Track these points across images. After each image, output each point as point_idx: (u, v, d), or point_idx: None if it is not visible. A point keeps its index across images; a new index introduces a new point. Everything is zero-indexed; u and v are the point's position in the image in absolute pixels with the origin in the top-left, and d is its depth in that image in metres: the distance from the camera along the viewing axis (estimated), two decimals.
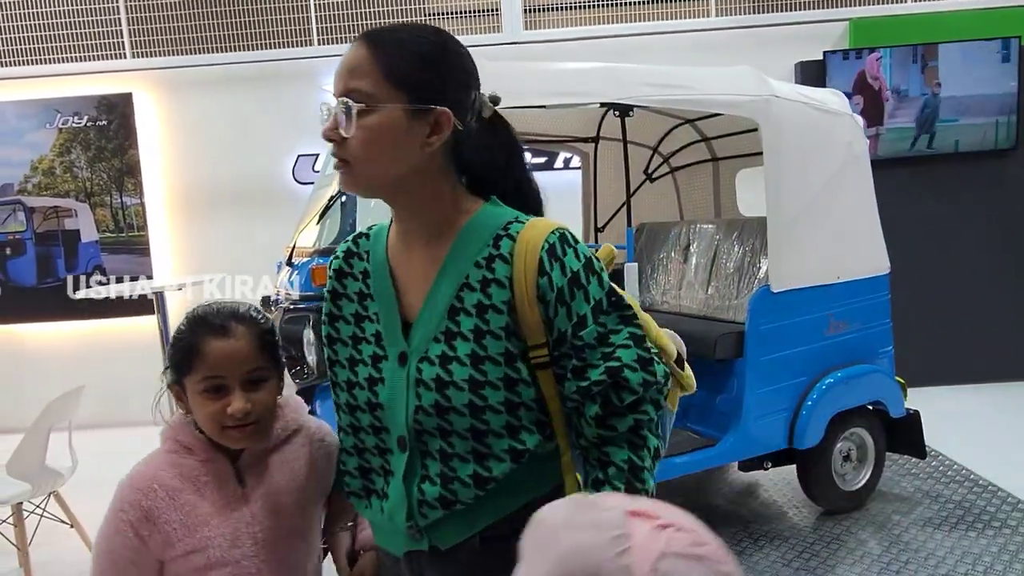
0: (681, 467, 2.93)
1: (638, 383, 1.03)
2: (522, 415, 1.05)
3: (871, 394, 3.24)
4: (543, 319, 1.04)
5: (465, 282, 1.06)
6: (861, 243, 3.29)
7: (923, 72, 5.28)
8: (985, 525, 3.05)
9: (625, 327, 1.05)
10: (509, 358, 1.03)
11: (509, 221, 1.08)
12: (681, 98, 2.84)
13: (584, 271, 1.04)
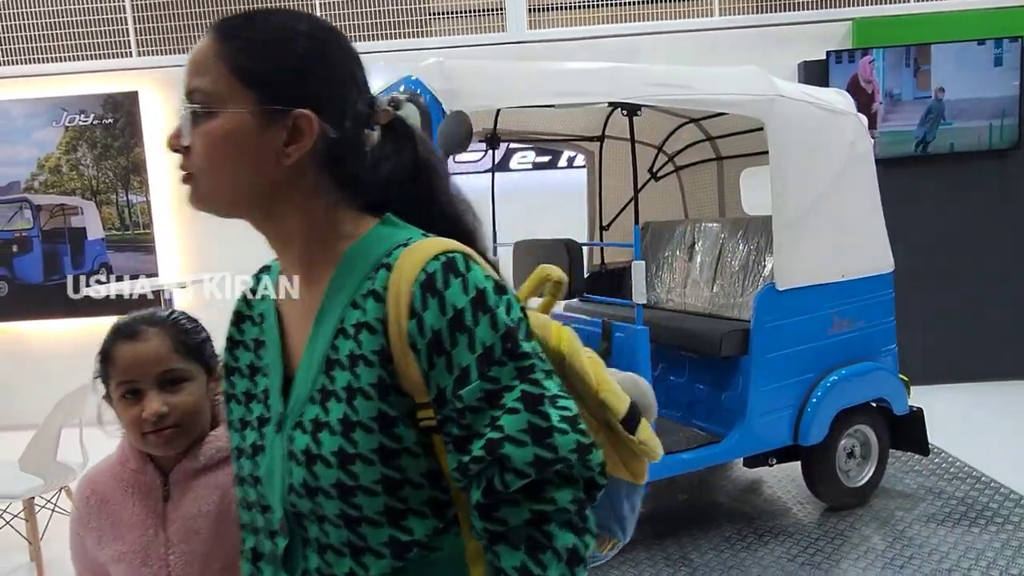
0: (687, 463, 2.96)
1: (525, 462, 0.75)
2: (408, 495, 0.81)
3: (875, 391, 3.27)
4: (421, 372, 0.80)
5: (340, 327, 0.84)
6: (865, 241, 3.32)
7: (915, 76, 5.31)
8: (988, 521, 3.08)
9: (520, 384, 0.78)
10: (386, 423, 0.80)
11: (397, 245, 0.84)
12: (688, 98, 2.86)
13: (472, 308, 0.79)
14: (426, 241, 0.83)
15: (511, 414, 0.77)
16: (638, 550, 3.01)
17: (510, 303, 0.81)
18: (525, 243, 3.37)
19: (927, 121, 5.34)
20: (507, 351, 0.78)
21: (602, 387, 0.95)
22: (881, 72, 5.29)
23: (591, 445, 0.79)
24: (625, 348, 2.88)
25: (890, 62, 5.29)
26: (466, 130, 2.33)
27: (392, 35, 5.82)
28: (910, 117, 5.33)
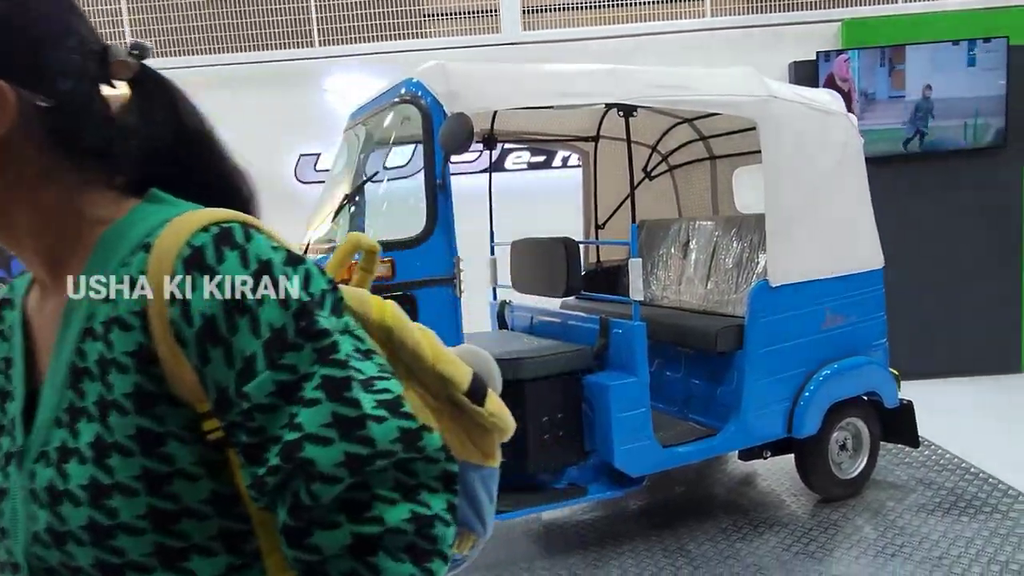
0: (683, 456, 3.03)
1: (333, 463, 0.60)
2: (188, 530, 0.64)
3: (866, 385, 3.34)
4: (195, 370, 0.63)
5: (88, 326, 0.67)
6: (856, 239, 3.39)
7: (891, 75, 5.40)
8: (976, 510, 3.16)
9: (321, 368, 0.62)
10: (149, 441, 0.63)
11: (163, 222, 0.67)
12: (683, 98, 2.93)
13: (253, 283, 0.63)
14: (195, 212, 0.67)
15: (311, 407, 0.61)
16: (636, 542, 3.07)
17: (308, 274, 0.66)
18: (522, 242, 3.42)
19: (917, 119, 5.43)
20: (302, 331, 0.63)
21: (439, 359, 0.80)
22: (856, 72, 5.37)
23: (420, 429, 0.63)
24: (622, 344, 2.94)
25: (865, 62, 5.38)
26: (468, 131, 2.39)
27: (387, 36, 5.86)
28: (886, 116, 5.42)
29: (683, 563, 2.87)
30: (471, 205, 4.65)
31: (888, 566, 2.74)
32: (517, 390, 2.88)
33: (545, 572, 2.88)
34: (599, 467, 3.05)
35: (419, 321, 2.73)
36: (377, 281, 2.65)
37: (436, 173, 2.59)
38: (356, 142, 3.09)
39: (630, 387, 2.86)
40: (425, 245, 2.58)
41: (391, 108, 2.78)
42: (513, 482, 3.02)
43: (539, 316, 3.58)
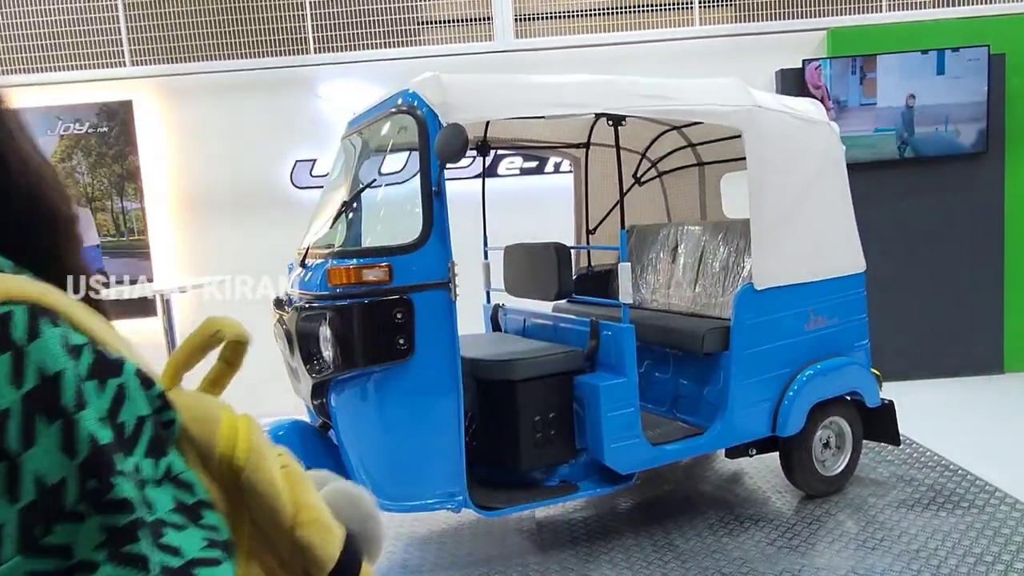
0: (671, 454, 3.12)
1: None
2: None
3: (848, 385, 3.45)
4: None
5: None
6: (838, 243, 3.50)
7: (861, 84, 5.53)
8: (955, 506, 3.27)
9: (108, 563, 0.43)
10: None
11: None
12: (670, 108, 3.03)
13: (24, 413, 0.42)
14: None
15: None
16: (626, 537, 3.17)
17: (121, 394, 0.47)
18: (515, 247, 3.52)
19: (908, 126, 5.56)
20: (90, 494, 0.43)
21: (301, 521, 0.59)
22: (829, 79, 5.50)
23: None
24: (612, 346, 3.04)
25: (836, 70, 5.51)
26: (462, 141, 2.49)
27: (382, 44, 5.95)
28: (860, 123, 5.55)
29: (671, 557, 2.97)
30: (465, 210, 4.75)
31: (868, 559, 2.84)
32: (510, 391, 2.97)
33: (537, 567, 2.97)
34: (590, 465, 3.15)
35: (416, 324, 2.86)
36: (374, 285, 2.74)
37: (432, 181, 2.68)
38: (354, 149, 3.18)
39: (619, 387, 2.95)
40: (421, 250, 2.68)
41: (388, 117, 2.87)
42: (506, 480, 3.12)
43: (532, 319, 3.68)
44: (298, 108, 5.92)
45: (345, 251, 2.76)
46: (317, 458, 2.90)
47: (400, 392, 2.72)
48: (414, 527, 3.45)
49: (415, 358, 2.69)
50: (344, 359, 2.64)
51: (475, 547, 3.20)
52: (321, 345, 2.69)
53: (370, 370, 2.68)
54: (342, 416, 2.75)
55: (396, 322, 2.64)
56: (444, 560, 3.09)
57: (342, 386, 2.73)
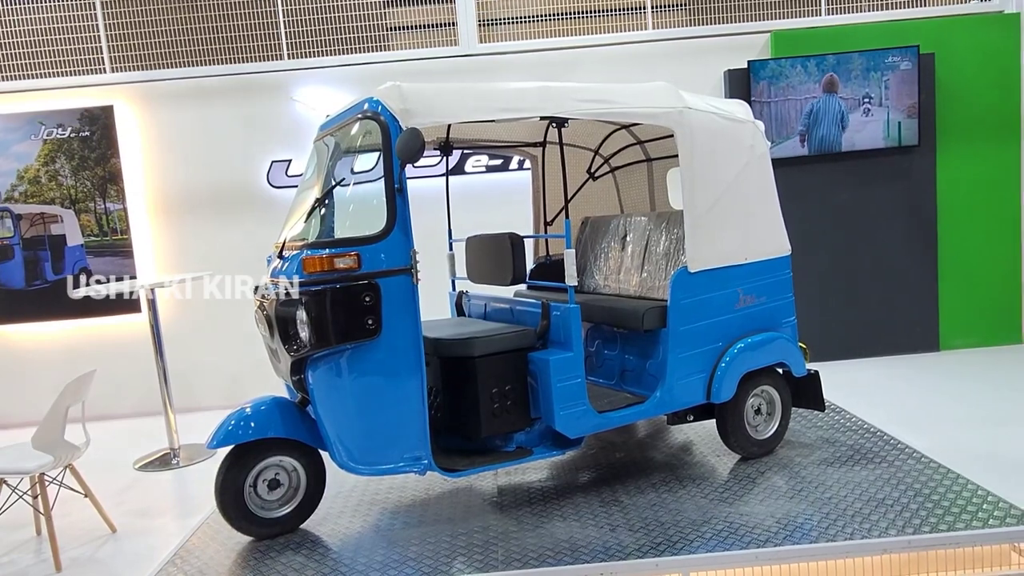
0: (616, 419, 3.49)
1: None
2: None
3: (776, 356, 3.83)
4: None
5: None
6: (765, 229, 3.88)
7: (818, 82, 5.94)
8: (868, 461, 3.66)
9: None
10: None
11: None
12: (608, 111, 3.39)
13: None
14: None
15: None
16: (577, 495, 3.53)
17: None
18: (475, 238, 3.86)
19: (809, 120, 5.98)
20: None
21: None
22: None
23: None
24: (560, 324, 3.39)
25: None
26: (420, 144, 2.83)
27: (352, 50, 6.26)
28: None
29: (616, 510, 3.33)
30: (432, 206, 5.08)
31: (787, 506, 3.23)
32: (470, 366, 3.32)
33: (496, 523, 3.32)
34: (544, 432, 3.51)
35: (383, 306, 3.32)
36: (345, 272, 3.11)
37: (394, 179, 3.02)
38: (325, 151, 3.51)
39: (567, 361, 3.31)
40: (386, 240, 3.01)
41: (355, 122, 3.20)
42: (468, 448, 3.47)
43: (492, 303, 4.03)
44: (273, 111, 6.22)
45: (318, 242, 3.09)
46: (296, 429, 3.23)
47: (369, 367, 3.05)
48: (388, 494, 3.79)
49: (382, 336, 3.02)
50: (319, 338, 2.97)
51: (440, 510, 3.54)
52: (298, 327, 3.02)
53: (342, 348, 3.01)
54: (318, 390, 3.08)
55: (365, 304, 2.98)
56: (412, 521, 3.43)
57: (317, 363, 3.06)
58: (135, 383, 6.19)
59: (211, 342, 6.27)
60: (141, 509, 4.26)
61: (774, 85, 5.93)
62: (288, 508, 3.34)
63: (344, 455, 3.13)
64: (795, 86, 5.93)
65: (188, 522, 3.90)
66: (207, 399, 6.26)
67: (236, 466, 3.22)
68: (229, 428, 3.20)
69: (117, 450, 5.36)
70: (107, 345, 6.29)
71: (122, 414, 6.32)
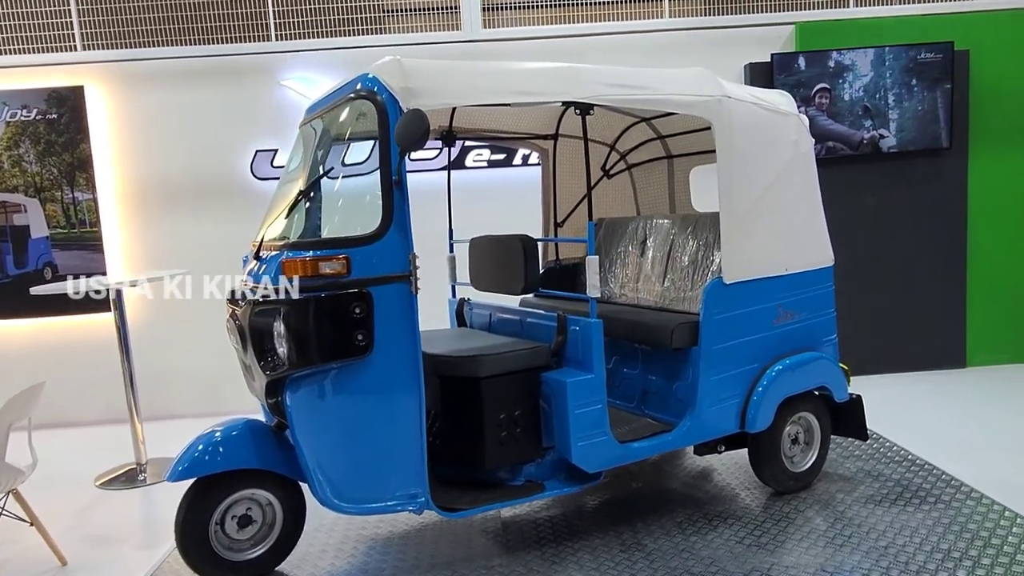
0: (639, 452, 3.06)
1: None
2: None
3: (817, 380, 3.42)
4: None
5: None
6: (807, 237, 3.46)
7: (840, 78, 5.53)
8: (921, 501, 3.25)
9: None
10: None
11: None
12: (639, 98, 2.95)
13: None
14: None
15: None
16: (594, 537, 3.10)
17: None
18: (481, 240, 3.42)
19: (866, 120, 5.57)
20: None
21: None
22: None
23: None
24: (579, 341, 2.96)
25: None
26: (423, 128, 2.38)
27: (346, 32, 5.80)
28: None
29: (639, 557, 2.90)
30: (431, 202, 4.64)
31: (837, 556, 2.81)
32: (474, 388, 2.88)
33: (503, 569, 2.88)
34: (557, 463, 3.07)
35: (375, 319, 2.74)
36: (332, 278, 2.62)
37: (392, 169, 2.57)
38: (312, 137, 3.05)
39: (587, 384, 2.87)
40: (381, 242, 2.57)
41: (347, 103, 2.75)
42: (470, 479, 3.03)
43: (498, 313, 3.59)
44: (259, 96, 5.74)
45: (301, 243, 2.64)
46: (272, 459, 2.78)
47: (358, 390, 2.61)
48: (377, 529, 3.34)
49: (374, 354, 2.58)
50: (299, 356, 2.52)
51: (438, 549, 3.10)
52: (275, 341, 2.57)
53: (327, 367, 2.57)
54: (298, 415, 2.63)
55: (354, 317, 2.53)
56: (406, 563, 2.99)
57: (297, 384, 2.61)
58: (104, 387, 5.70)
59: (188, 344, 5.80)
60: (99, 535, 3.79)
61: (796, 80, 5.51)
62: (261, 549, 2.89)
63: (327, 491, 2.68)
64: (820, 82, 5.53)
65: (152, 553, 3.44)
66: (183, 406, 5.78)
67: (201, 500, 2.76)
68: (195, 456, 2.75)
69: (79, 463, 4.88)
70: (75, 345, 5.80)
71: (89, 421, 5.83)
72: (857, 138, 5.59)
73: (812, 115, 5.47)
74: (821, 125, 5.50)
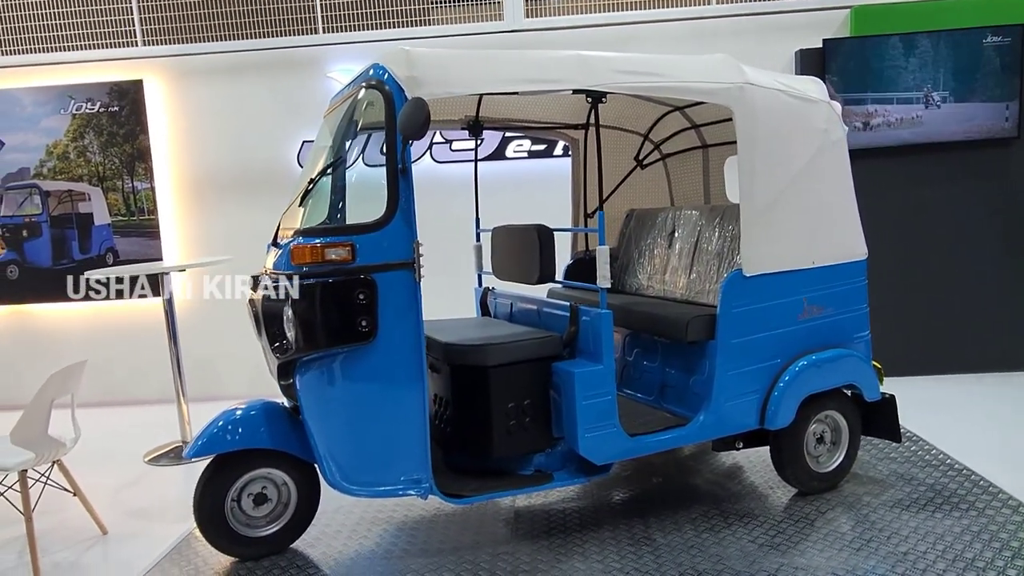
0: (651, 445, 3.01)
1: None
2: None
3: (845, 377, 3.29)
4: None
5: None
6: (837, 228, 3.33)
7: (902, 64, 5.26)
8: (952, 507, 3.09)
9: None
10: None
11: None
12: (653, 84, 2.89)
13: None
14: None
15: None
16: (604, 530, 3.07)
17: None
18: (501, 229, 3.42)
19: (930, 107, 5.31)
20: None
21: None
22: None
23: None
24: (589, 331, 2.93)
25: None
26: (424, 117, 2.40)
27: (391, 24, 5.88)
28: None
29: (646, 551, 2.86)
30: (467, 191, 4.66)
31: (851, 560, 2.70)
32: (481, 376, 2.89)
33: (507, 556, 2.89)
34: (567, 454, 3.06)
35: (379, 306, 2.80)
36: (338, 265, 2.67)
37: (397, 158, 2.60)
38: (329, 126, 3.12)
39: (595, 374, 2.85)
40: (385, 229, 2.60)
41: (358, 92, 2.79)
42: (481, 467, 3.05)
43: (519, 303, 3.59)
44: (307, 88, 5.89)
45: (311, 230, 2.70)
46: (287, 440, 2.86)
47: (363, 375, 2.66)
48: (392, 512, 3.40)
49: (378, 341, 2.62)
50: (306, 340, 2.59)
51: (449, 534, 3.14)
52: (285, 325, 2.64)
53: (333, 352, 2.63)
54: (307, 398, 2.71)
55: (358, 303, 2.58)
56: (416, 546, 3.04)
57: (307, 368, 2.68)
58: (159, 368, 5.97)
59: (237, 328, 6.01)
60: (139, 508, 3.98)
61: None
62: (276, 526, 2.98)
63: (336, 473, 2.75)
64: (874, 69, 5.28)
65: (184, 526, 3.60)
66: (231, 387, 6.01)
67: (218, 477, 2.87)
68: (214, 433, 2.86)
69: (132, 439, 5.14)
70: (132, 327, 6.10)
71: (144, 400, 6.13)
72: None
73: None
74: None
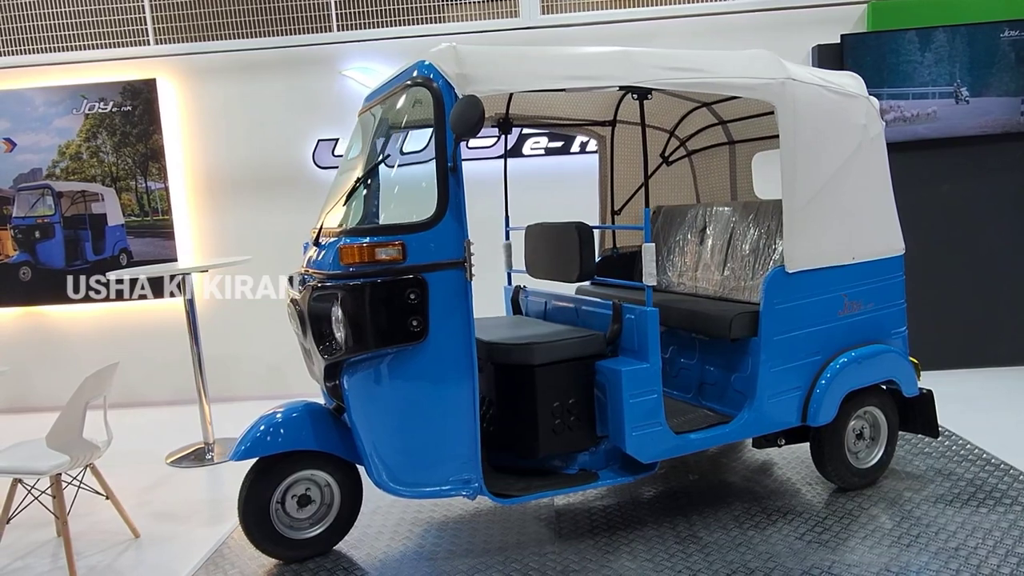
0: (696, 443, 3.00)
1: None
2: None
3: (884, 373, 3.29)
4: None
5: None
6: (876, 224, 3.33)
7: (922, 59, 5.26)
8: (996, 502, 3.10)
9: None
10: None
11: None
12: (698, 81, 2.88)
13: None
14: None
15: None
16: (648, 528, 3.06)
17: None
18: (536, 227, 3.41)
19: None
20: None
21: None
22: None
23: None
24: (635, 330, 2.92)
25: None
26: (478, 114, 2.37)
27: (406, 22, 5.84)
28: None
29: (694, 549, 2.86)
30: (485, 190, 4.64)
31: (903, 556, 2.70)
32: (528, 376, 2.87)
33: (555, 557, 2.88)
34: (611, 453, 3.05)
35: (430, 305, 2.77)
36: (388, 264, 2.65)
37: (447, 156, 2.58)
38: (370, 125, 3.09)
39: (642, 373, 2.83)
40: (436, 228, 2.58)
41: (403, 91, 2.77)
42: (524, 467, 3.03)
43: (553, 301, 3.57)
44: (321, 86, 5.85)
45: (358, 229, 2.67)
46: (330, 441, 2.84)
47: (413, 375, 2.64)
48: (432, 513, 3.38)
49: (429, 340, 2.60)
50: (356, 341, 2.57)
51: (491, 534, 3.12)
52: (333, 326, 2.62)
53: (383, 352, 2.60)
54: (354, 399, 2.68)
55: (409, 303, 2.56)
56: (460, 547, 3.02)
57: (354, 368, 2.66)
58: (174, 368, 5.93)
59: (252, 329, 5.98)
60: (168, 511, 3.95)
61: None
62: (320, 528, 2.96)
63: (383, 473, 2.73)
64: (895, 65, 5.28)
65: (217, 529, 3.57)
66: (250, 388, 5.97)
67: (262, 479, 2.84)
68: (256, 436, 2.83)
69: (151, 441, 5.10)
70: (147, 328, 6.05)
71: (161, 401, 6.09)
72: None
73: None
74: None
